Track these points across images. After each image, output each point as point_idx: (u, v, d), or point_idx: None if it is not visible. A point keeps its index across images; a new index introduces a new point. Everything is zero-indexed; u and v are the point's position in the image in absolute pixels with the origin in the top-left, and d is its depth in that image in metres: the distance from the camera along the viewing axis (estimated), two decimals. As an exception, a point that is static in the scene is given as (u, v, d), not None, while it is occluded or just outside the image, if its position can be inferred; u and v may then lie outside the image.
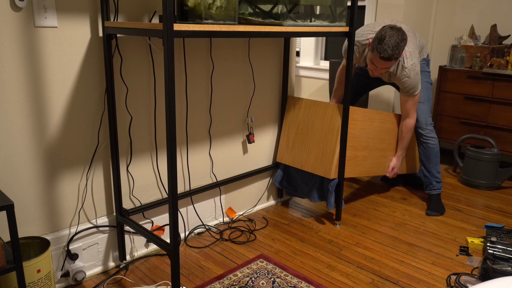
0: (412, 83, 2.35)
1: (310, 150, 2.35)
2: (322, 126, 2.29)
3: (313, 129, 2.34)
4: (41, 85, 1.59)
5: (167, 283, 1.84)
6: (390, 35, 2.14)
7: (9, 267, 1.27)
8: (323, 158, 2.28)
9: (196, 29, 1.43)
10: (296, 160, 2.41)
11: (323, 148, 2.29)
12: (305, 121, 2.38)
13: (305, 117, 2.38)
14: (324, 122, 2.28)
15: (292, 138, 2.44)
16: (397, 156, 2.62)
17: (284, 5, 1.79)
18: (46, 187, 1.68)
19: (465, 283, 1.87)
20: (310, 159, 2.34)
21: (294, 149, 2.43)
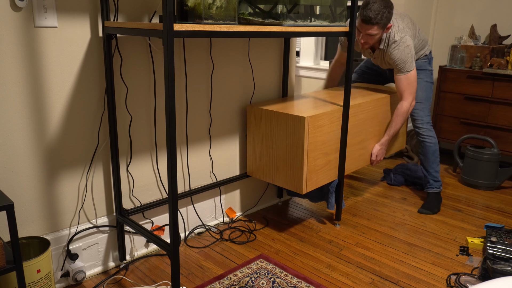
0: (401, 57, 2.29)
1: (278, 164, 2.18)
2: (286, 139, 2.09)
3: (277, 142, 2.14)
4: (41, 85, 1.59)
5: (167, 283, 1.84)
6: (373, 0, 2.18)
7: (9, 267, 1.27)
8: (292, 173, 2.11)
9: (196, 29, 1.43)
10: (266, 174, 2.25)
11: (290, 163, 2.11)
12: (268, 133, 2.18)
13: (267, 129, 2.17)
14: (287, 135, 2.08)
15: (259, 151, 2.26)
16: (381, 143, 2.53)
17: (284, 5, 1.79)
18: (46, 187, 1.68)
19: (465, 283, 1.87)
20: (280, 174, 2.18)
21: (262, 162, 2.26)
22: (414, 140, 3.49)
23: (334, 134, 2.22)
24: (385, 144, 2.53)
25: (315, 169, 2.14)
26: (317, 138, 2.10)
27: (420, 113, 2.55)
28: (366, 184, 3.01)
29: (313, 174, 2.13)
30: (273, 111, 2.12)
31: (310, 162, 2.09)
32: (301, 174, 2.07)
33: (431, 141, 2.57)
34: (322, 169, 2.19)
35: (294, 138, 2.05)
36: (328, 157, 2.22)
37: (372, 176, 3.17)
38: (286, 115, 2.07)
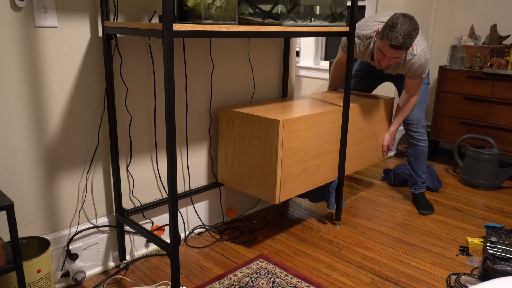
0: (421, 69, 2.28)
1: (250, 171, 2.02)
2: (259, 143, 1.95)
3: (250, 147, 1.99)
4: (41, 85, 1.59)
5: (167, 283, 1.84)
6: (402, 22, 2.04)
7: (9, 267, 1.27)
8: (265, 181, 1.96)
9: (196, 29, 1.43)
10: (238, 181, 2.10)
11: (263, 170, 1.96)
12: (240, 137, 2.03)
13: (240, 133, 2.02)
14: (260, 139, 1.94)
15: (231, 157, 2.10)
16: (390, 132, 2.58)
17: (284, 5, 1.79)
18: (46, 187, 1.68)
19: (465, 283, 1.87)
20: (252, 181, 2.03)
21: (234, 169, 2.11)
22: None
23: (312, 140, 2.07)
24: (393, 133, 2.60)
25: (290, 177, 1.99)
26: (293, 144, 1.95)
27: (415, 116, 2.53)
28: (366, 184, 3.01)
29: (288, 182, 1.99)
30: (246, 113, 1.97)
31: (284, 169, 1.95)
32: (274, 182, 1.93)
33: (424, 144, 2.57)
34: (297, 177, 2.04)
35: (268, 144, 1.91)
36: (304, 165, 2.06)
37: (372, 176, 3.17)
38: (259, 118, 1.92)
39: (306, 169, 2.09)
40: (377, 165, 3.40)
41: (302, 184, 2.09)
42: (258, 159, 1.97)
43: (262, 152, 1.95)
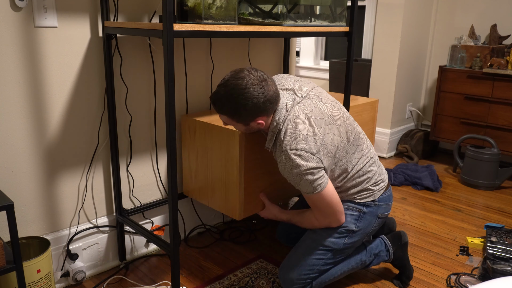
0: (289, 178, 1.54)
1: (213, 184, 1.88)
2: (221, 155, 1.80)
3: (212, 158, 1.85)
4: (41, 85, 1.59)
5: (167, 283, 1.84)
6: (229, 77, 1.50)
7: (9, 267, 1.27)
8: (228, 195, 1.82)
9: (196, 29, 1.43)
10: (202, 195, 1.96)
11: (226, 183, 1.81)
12: (203, 148, 1.89)
13: (202, 143, 1.88)
14: (222, 151, 1.79)
15: (194, 168, 1.97)
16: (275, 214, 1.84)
17: (284, 5, 1.79)
18: (46, 187, 1.68)
19: (465, 283, 1.87)
20: (216, 195, 1.89)
21: (198, 181, 1.97)
22: (414, 140, 3.49)
23: None
24: (276, 217, 1.84)
25: (255, 191, 1.83)
26: (257, 155, 1.78)
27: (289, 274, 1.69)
28: (366, 184, 3.02)
29: (253, 196, 1.82)
30: (207, 123, 1.83)
31: (248, 183, 1.78)
32: (236, 197, 1.78)
33: None
34: (264, 190, 1.87)
35: (229, 155, 1.76)
36: (274, 177, 1.88)
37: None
38: (219, 128, 1.78)
39: (276, 181, 1.91)
40: (377, 165, 3.40)
41: (272, 197, 1.90)
42: (220, 171, 1.83)
43: (223, 164, 1.80)
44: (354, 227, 1.68)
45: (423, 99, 3.85)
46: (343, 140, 1.60)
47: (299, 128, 1.51)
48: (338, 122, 1.61)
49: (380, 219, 1.74)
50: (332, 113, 1.60)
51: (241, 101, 1.47)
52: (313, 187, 1.51)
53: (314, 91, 1.67)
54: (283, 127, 1.53)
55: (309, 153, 1.49)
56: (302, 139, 1.49)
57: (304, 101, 1.60)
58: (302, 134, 1.50)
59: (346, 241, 1.68)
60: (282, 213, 1.83)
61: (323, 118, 1.57)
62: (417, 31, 3.52)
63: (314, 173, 1.50)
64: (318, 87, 1.72)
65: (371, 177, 1.68)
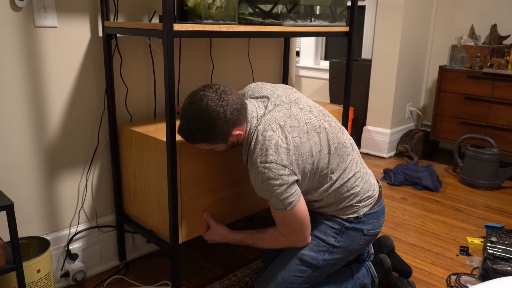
0: (260, 193, 1.44)
1: (150, 202, 1.69)
2: (157, 171, 1.61)
3: (148, 174, 1.66)
4: (41, 85, 1.59)
5: (167, 283, 1.84)
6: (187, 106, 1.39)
7: (9, 267, 1.27)
8: (165, 217, 1.62)
9: (196, 29, 1.43)
10: (141, 213, 1.76)
11: (163, 203, 1.62)
12: (139, 162, 1.70)
13: (138, 156, 1.70)
14: (157, 166, 1.60)
15: (132, 184, 1.77)
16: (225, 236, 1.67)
17: (284, 5, 1.79)
18: (46, 187, 1.68)
19: (465, 283, 1.87)
20: (153, 215, 1.69)
21: (136, 199, 1.77)
22: (414, 140, 3.49)
23: (227, 164, 1.70)
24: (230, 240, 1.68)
25: (196, 210, 1.64)
26: (198, 170, 1.60)
27: None
28: (366, 184, 3.01)
29: (194, 217, 1.64)
30: (142, 133, 1.64)
31: (187, 202, 1.59)
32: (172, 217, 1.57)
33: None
34: (208, 210, 1.69)
35: (165, 171, 1.56)
36: (219, 194, 1.71)
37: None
38: (154, 139, 1.58)
39: (222, 199, 1.73)
40: (377, 165, 3.40)
41: (218, 216, 1.73)
42: (157, 189, 1.64)
43: (160, 181, 1.61)
44: (334, 241, 1.53)
45: (423, 99, 3.85)
46: (324, 149, 1.46)
47: (270, 138, 1.39)
48: (318, 129, 1.47)
49: (368, 236, 1.57)
50: (311, 120, 1.48)
51: (210, 122, 1.35)
52: (285, 204, 1.40)
53: (291, 97, 1.55)
54: (253, 138, 1.42)
55: (280, 165, 1.36)
56: (273, 150, 1.37)
57: (278, 109, 1.47)
58: (272, 145, 1.38)
59: (326, 257, 1.53)
60: (233, 233, 1.65)
61: (299, 126, 1.44)
62: (417, 31, 3.52)
63: (285, 189, 1.38)
64: (297, 93, 1.60)
65: (357, 193, 1.53)
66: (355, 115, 3.80)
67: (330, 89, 3.98)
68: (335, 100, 3.96)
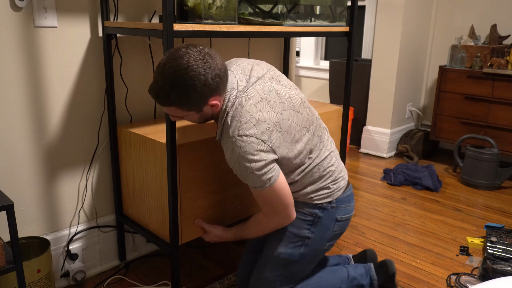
0: (235, 169, 1.37)
1: (149, 204, 1.70)
2: (155, 172, 1.61)
3: (147, 175, 1.67)
4: (41, 85, 1.59)
5: (167, 283, 1.84)
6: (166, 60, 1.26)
7: (9, 267, 1.27)
8: (164, 218, 1.64)
9: (196, 29, 1.43)
10: (140, 214, 1.77)
11: (162, 204, 1.63)
12: (138, 163, 1.71)
13: (137, 158, 1.70)
14: (156, 167, 1.61)
15: (131, 185, 1.78)
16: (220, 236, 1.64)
17: (284, 5, 1.79)
18: (46, 187, 1.68)
19: (465, 283, 1.87)
20: (152, 216, 1.70)
21: (135, 200, 1.78)
22: (414, 140, 3.49)
23: (225, 166, 1.68)
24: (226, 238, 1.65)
25: (195, 212, 1.64)
26: (197, 173, 1.60)
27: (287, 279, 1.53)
28: (366, 184, 3.01)
29: (193, 218, 1.65)
30: (141, 135, 1.65)
31: (186, 204, 1.60)
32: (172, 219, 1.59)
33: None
34: (207, 212, 1.68)
35: (163, 172, 1.57)
36: (217, 196, 1.70)
37: (372, 176, 3.17)
38: (153, 141, 1.59)
39: (221, 201, 1.72)
40: (377, 165, 3.40)
41: (216, 219, 1.73)
42: (156, 190, 1.65)
43: (158, 182, 1.62)
44: (308, 232, 1.49)
45: (423, 99, 3.85)
46: (303, 129, 1.41)
47: (250, 111, 1.31)
48: (298, 108, 1.42)
49: (341, 222, 1.54)
50: (292, 97, 1.43)
51: (188, 82, 1.23)
52: (263, 181, 1.32)
53: (272, 73, 1.49)
54: (232, 110, 1.33)
55: (260, 140, 1.29)
56: (253, 124, 1.30)
57: (260, 82, 1.41)
58: (253, 118, 1.30)
59: (303, 251, 1.50)
60: (226, 231, 1.63)
61: (281, 102, 1.38)
62: (417, 31, 3.52)
63: (264, 165, 1.31)
64: (277, 70, 1.54)
65: (332, 173, 1.49)
66: (355, 115, 3.80)
67: (330, 89, 3.98)
68: (335, 100, 3.96)
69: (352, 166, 3.37)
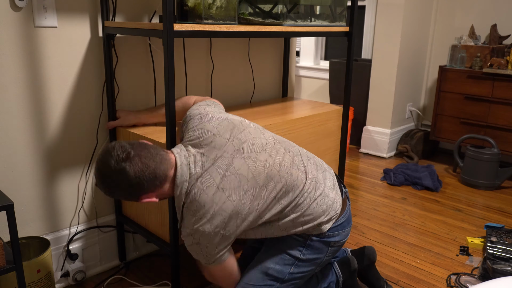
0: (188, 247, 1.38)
1: (149, 204, 1.72)
2: None
3: None
4: (41, 85, 1.59)
5: (167, 283, 1.84)
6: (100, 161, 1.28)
7: (9, 267, 1.27)
8: (163, 218, 1.65)
9: (196, 29, 1.43)
10: (139, 215, 1.79)
11: (161, 204, 1.64)
12: None
13: None
14: None
15: None
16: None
17: (284, 5, 1.79)
18: (46, 187, 1.68)
19: (465, 283, 1.87)
20: (152, 217, 1.72)
21: None
22: (414, 140, 3.49)
23: None
24: None
25: None
26: None
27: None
28: (366, 184, 3.01)
29: None
30: (140, 135, 1.66)
31: None
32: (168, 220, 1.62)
33: None
34: None
35: None
36: None
37: (372, 176, 3.17)
38: (152, 141, 1.61)
39: None
40: (377, 165, 3.40)
41: None
42: None
43: None
44: (300, 254, 1.46)
45: (423, 99, 3.85)
46: (269, 200, 1.36)
47: (205, 205, 1.28)
48: (262, 182, 1.34)
49: (334, 247, 1.50)
50: (254, 173, 1.34)
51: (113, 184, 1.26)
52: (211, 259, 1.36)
53: (235, 142, 1.37)
54: (187, 201, 1.31)
55: (213, 232, 1.30)
56: (207, 219, 1.29)
57: (218, 164, 1.32)
58: (208, 214, 1.28)
59: (292, 270, 1.46)
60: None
61: (239, 185, 1.31)
62: (417, 31, 3.52)
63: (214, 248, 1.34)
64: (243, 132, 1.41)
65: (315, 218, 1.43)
66: (355, 115, 3.80)
67: (330, 89, 3.98)
68: (335, 100, 3.96)
69: (352, 166, 3.37)
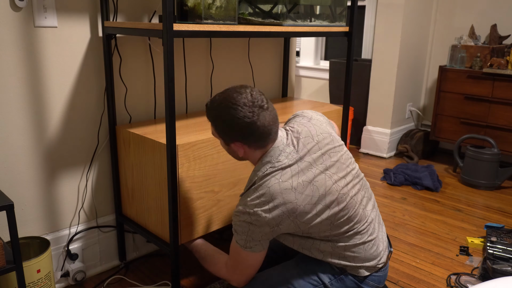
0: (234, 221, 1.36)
1: (149, 204, 1.70)
2: (154, 172, 1.62)
3: (147, 175, 1.67)
4: (41, 85, 1.59)
5: (167, 283, 1.84)
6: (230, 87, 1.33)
7: (9, 267, 1.27)
8: (163, 218, 1.64)
9: (196, 29, 1.43)
10: (140, 215, 1.77)
11: (161, 204, 1.63)
12: (137, 163, 1.70)
13: (136, 158, 1.70)
14: (155, 168, 1.61)
15: (131, 186, 1.78)
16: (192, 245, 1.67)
17: (284, 5, 1.79)
18: (46, 187, 1.68)
19: (465, 283, 1.87)
20: (151, 217, 1.71)
21: (135, 201, 1.78)
22: (414, 140, 3.49)
23: (226, 166, 1.70)
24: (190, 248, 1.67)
25: (195, 213, 1.64)
26: (196, 172, 1.60)
27: None
28: (366, 184, 3.01)
29: (193, 219, 1.64)
30: (140, 135, 1.64)
31: (186, 204, 1.60)
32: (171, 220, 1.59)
33: None
34: (206, 212, 1.68)
35: (162, 173, 1.58)
36: (216, 196, 1.70)
37: (372, 176, 3.17)
38: (152, 141, 1.59)
39: (220, 201, 1.73)
40: (377, 165, 3.40)
41: (216, 219, 1.74)
42: (155, 190, 1.65)
43: (158, 182, 1.62)
44: (328, 282, 1.38)
45: (423, 99, 3.85)
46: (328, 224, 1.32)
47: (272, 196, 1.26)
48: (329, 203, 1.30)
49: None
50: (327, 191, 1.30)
51: (224, 112, 1.27)
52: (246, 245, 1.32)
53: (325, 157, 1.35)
54: (260, 181, 1.30)
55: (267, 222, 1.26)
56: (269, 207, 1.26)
57: (302, 166, 1.31)
58: (271, 203, 1.26)
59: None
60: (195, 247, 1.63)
61: (311, 196, 1.28)
62: (417, 31, 3.52)
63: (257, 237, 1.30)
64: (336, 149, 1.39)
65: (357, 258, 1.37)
66: (355, 115, 3.80)
67: (330, 89, 3.98)
68: (335, 100, 3.96)
69: (352, 166, 3.37)
